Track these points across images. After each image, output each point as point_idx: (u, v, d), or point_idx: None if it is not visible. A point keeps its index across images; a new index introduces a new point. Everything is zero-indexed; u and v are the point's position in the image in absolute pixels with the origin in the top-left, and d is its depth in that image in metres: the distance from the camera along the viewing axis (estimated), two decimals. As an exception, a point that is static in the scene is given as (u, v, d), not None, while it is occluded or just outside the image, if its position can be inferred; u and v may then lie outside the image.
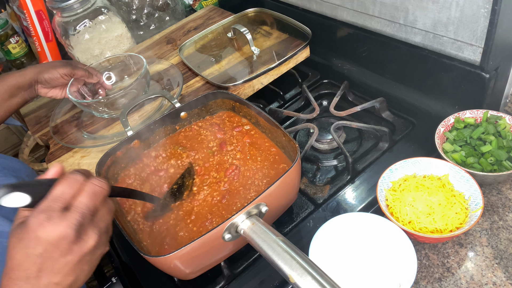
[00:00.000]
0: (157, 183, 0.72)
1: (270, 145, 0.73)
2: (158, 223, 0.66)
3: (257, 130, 0.76)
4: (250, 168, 0.70)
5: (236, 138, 0.76)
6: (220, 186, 0.69)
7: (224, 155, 0.74)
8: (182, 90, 0.91)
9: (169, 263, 0.54)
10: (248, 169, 0.70)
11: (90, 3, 1.06)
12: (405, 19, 0.75)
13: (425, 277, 0.58)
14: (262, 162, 0.71)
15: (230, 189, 0.68)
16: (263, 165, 0.70)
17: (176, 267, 0.56)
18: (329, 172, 0.78)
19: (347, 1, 0.85)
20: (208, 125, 0.80)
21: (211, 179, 0.71)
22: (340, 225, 0.62)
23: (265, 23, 1.04)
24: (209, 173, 0.72)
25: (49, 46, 1.26)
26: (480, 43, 0.66)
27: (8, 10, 1.40)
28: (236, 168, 0.71)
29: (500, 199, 0.65)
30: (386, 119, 0.84)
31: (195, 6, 1.37)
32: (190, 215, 0.66)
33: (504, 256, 0.58)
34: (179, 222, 0.66)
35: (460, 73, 0.70)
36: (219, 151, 0.75)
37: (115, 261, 0.73)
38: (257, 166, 0.70)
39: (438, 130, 0.70)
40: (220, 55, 0.99)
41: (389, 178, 0.66)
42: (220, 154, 0.74)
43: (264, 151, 0.72)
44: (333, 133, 0.78)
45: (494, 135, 0.68)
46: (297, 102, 0.95)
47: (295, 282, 0.45)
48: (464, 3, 0.64)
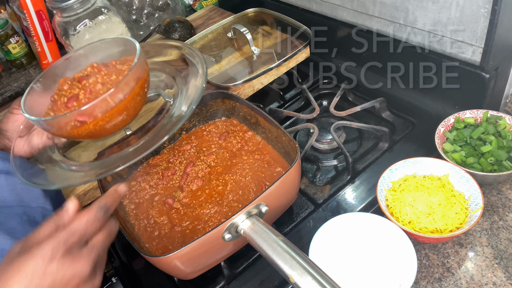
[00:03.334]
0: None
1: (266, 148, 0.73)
2: (158, 224, 0.66)
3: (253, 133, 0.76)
4: (247, 173, 0.70)
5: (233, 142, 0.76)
6: (218, 187, 0.69)
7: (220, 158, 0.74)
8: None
9: (169, 263, 0.54)
10: (245, 174, 0.70)
11: (90, 3, 1.05)
12: (405, 19, 0.75)
13: (425, 277, 0.58)
14: (260, 164, 0.71)
15: (230, 189, 0.68)
16: (260, 167, 0.70)
17: (176, 267, 0.56)
18: (329, 172, 0.78)
19: (347, 1, 0.85)
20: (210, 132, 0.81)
21: (211, 181, 0.71)
22: (340, 225, 0.62)
23: (265, 23, 1.04)
24: (209, 176, 0.72)
25: (49, 46, 1.26)
26: (480, 43, 0.66)
27: (8, 10, 1.40)
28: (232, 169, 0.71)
29: (500, 199, 0.65)
30: (386, 119, 0.84)
31: (195, 6, 1.37)
32: (190, 217, 0.66)
33: (504, 256, 0.58)
34: (179, 222, 0.66)
35: (460, 73, 0.70)
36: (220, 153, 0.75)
37: (115, 261, 0.73)
38: (254, 168, 0.70)
39: (438, 130, 0.70)
40: (220, 55, 0.99)
41: (389, 178, 0.66)
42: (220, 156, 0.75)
43: (261, 154, 0.73)
44: (333, 133, 0.78)
45: (494, 135, 0.68)
46: (297, 102, 0.95)
47: (295, 282, 0.45)
48: (464, 3, 0.64)
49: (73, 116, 0.53)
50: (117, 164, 0.55)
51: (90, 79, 0.58)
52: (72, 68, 0.65)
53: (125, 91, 0.55)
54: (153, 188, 0.72)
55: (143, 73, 0.59)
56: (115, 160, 0.58)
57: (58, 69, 0.65)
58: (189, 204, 0.68)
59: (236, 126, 0.79)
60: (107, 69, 0.61)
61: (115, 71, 0.60)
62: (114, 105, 0.55)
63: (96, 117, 0.54)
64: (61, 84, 0.61)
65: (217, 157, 0.74)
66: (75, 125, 0.54)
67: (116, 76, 0.59)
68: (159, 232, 0.65)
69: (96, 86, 0.57)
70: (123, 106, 0.56)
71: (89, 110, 0.53)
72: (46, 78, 0.63)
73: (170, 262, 0.54)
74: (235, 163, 0.72)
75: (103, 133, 0.58)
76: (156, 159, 0.77)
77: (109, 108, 0.54)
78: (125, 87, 0.55)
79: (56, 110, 0.58)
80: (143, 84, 0.59)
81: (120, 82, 0.54)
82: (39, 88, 0.62)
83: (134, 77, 0.56)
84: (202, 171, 0.72)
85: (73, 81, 0.60)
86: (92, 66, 0.61)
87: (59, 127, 0.55)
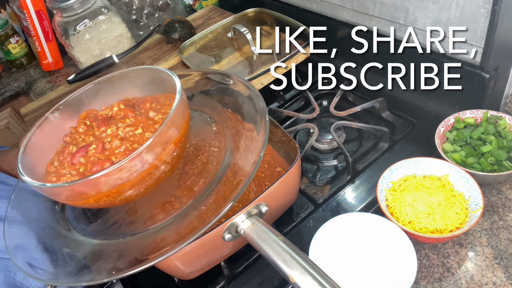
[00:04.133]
0: None
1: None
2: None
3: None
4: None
5: None
6: None
7: None
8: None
9: (169, 263, 0.54)
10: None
11: (90, 3, 1.06)
12: (405, 19, 0.75)
13: (425, 277, 0.58)
14: (260, 164, 0.71)
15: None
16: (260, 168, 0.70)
17: (176, 267, 0.55)
18: (329, 172, 0.78)
19: (347, 1, 0.85)
20: None
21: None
22: (340, 225, 0.62)
23: (265, 23, 1.04)
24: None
25: (49, 46, 1.26)
26: (480, 43, 0.66)
27: (8, 10, 1.40)
28: None
29: (500, 199, 0.65)
30: (386, 119, 0.84)
31: (195, 6, 1.37)
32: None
33: (504, 256, 0.58)
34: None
35: (460, 73, 0.70)
36: None
37: (115, 261, 0.73)
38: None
39: (438, 130, 0.70)
40: (220, 55, 0.99)
41: (389, 178, 0.66)
42: None
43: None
44: (333, 133, 0.78)
45: (494, 135, 0.68)
46: (297, 102, 0.95)
47: (295, 282, 0.45)
48: (464, 3, 0.64)
49: (68, 188, 0.42)
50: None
51: (109, 129, 0.45)
52: (102, 97, 0.54)
53: (146, 160, 0.40)
54: (153, 188, 0.72)
55: (178, 131, 0.43)
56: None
57: (85, 98, 0.53)
58: (189, 204, 0.68)
59: (236, 126, 0.79)
60: (135, 115, 0.47)
61: (143, 121, 0.46)
62: (126, 180, 0.40)
63: (100, 192, 0.41)
64: (83, 119, 0.49)
65: (217, 157, 0.74)
66: (73, 196, 0.42)
67: (142, 130, 0.44)
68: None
69: (113, 142, 0.44)
70: (138, 180, 0.41)
71: (90, 182, 0.40)
72: (68, 106, 0.52)
73: (170, 262, 0.54)
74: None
75: (112, 205, 0.45)
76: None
77: (118, 184, 0.41)
78: (148, 154, 0.39)
79: (60, 165, 0.46)
80: (177, 148, 0.43)
81: (142, 148, 0.39)
82: (57, 118, 0.52)
83: (164, 138, 0.40)
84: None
85: (93, 121, 0.48)
86: (119, 106, 0.48)
87: (54, 194, 0.44)
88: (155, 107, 0.48)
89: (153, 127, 0.45)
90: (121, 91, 0.53)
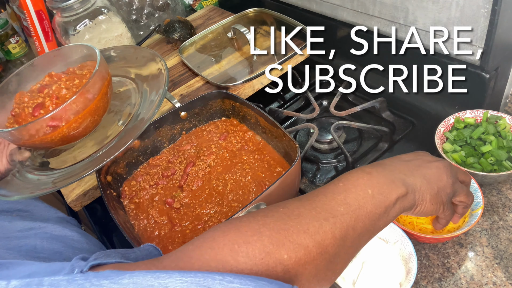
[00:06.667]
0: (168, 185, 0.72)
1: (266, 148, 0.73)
2: (158, 224, 0.66)
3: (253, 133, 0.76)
4: (247, 173, 0.70)
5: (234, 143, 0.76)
6: (218, 186, 0.69)
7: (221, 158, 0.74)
8: (175, 91, 0.91)
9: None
10: (246, 174, 0.70)
11: (90, 3, 1.06)
12: (405, 19, 0.75)
13: (425, 277, 0.58)
14: (260, 164, 0.71)
15: (230, 189, 0.68)
16: (259, 168, 0.70)
17: (176, 267, 0.56)
18: (329, 172, 0.78)
19: (347, 1, 0.85)
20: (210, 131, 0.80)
21: (211, 181, 0.71)
22: (340, 225, 0.62)
23: (265, 23, 1.04)
24: (209, 177, 0.72)
25: (49, 46, 1.26)
26: (480, 43, 0.66)
27: (8, 10, 1.40)
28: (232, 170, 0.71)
29: (500, 199, 0.65)
30: (386, 119, 0.84)
31: (195, 6, 1.37)
32: (190, 217, 0.66)
33: (504, 256, 0.58)
34: (179, 222, 0.66)
35: (460, 73, 0.70)
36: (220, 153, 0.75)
37: (115, 261, 0.73)
38: (254, 168, 0.70)
39: (438, 130, 0.70)
40: (220, 55, 0.99)
41: (389, 178, 0.66)
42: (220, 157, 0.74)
43: (261, 155, 0.72)
44: (333, 133, 0.78)
45: (494, 135, 0.68)
46: (297, 102, 0.95)
47: (295, 282, 0.45)
48: (464, 3, 0.64)
49: (46, 122, 0.53)
50: (86, 170, 0.55)
51: (53, 87, 0.58)
52: (24, 82, 0.64)
53: (94, 90, 0.56)
54: (153, 188, 0.72)
55: (106, 73, 0.60)
56: (86, 166, 0.58)
57: (10, 86, 0.64)
58: (189, 204, 0.68)
59: (236, 126, 0.79)
60: (67, 75, 0.60)
61: (76, 76, 0.59)
62: (85, 106, 0.55)
63: (69, 120, 0.55)
64: (19, 98, 0.60)
65: (217, 157, 0.74)
66: (47, 131, 0.54)
67: (78, 80, 0.59)
68: (159, 232, 0.65)
69: (61, 92, 0.57)
70: (94, 106, 0.56)
71: (61, 112, 0.53)
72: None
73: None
74: (235, 163, 0.72)
75: (75, 136, 0.58)
76: (156, 159, 0.77)
77: (81, 109, 0.55)
78: (94, 87, 0.56)
79: (22, 122, 0.57)
80: (109, 83, 0.59)
81: (88, 82, 0.55)
82: None
83: (100, 76, 0.57)
84: (202, 171, 0.72)
85: (33, 92, 0.60)
86: (51, 75, 0.61)
87: (30, 135, 0.54)
88: (80, 69, 0.61)
89: (86, 77, 0.59)
90: (43, 74, 0.63)
